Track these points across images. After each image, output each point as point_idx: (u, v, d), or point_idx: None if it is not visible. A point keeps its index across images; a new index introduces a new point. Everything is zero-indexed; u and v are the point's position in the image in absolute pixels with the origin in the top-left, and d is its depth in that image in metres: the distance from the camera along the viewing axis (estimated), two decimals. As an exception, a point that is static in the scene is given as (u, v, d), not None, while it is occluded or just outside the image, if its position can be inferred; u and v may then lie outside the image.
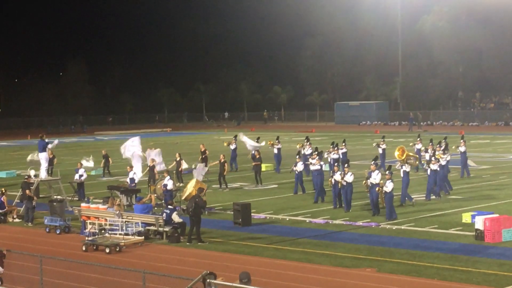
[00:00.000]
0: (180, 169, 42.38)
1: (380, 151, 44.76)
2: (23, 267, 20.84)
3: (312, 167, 35.95)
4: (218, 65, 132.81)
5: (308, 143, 43.90)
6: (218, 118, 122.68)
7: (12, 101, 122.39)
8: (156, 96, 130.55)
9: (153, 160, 40.45)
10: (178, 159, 42.58)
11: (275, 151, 46.38)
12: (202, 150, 46.45)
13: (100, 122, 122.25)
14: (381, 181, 30.64)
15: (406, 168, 33.98)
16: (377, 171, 31.03)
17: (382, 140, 45.91)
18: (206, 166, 44.05)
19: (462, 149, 41.70)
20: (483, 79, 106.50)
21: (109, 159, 48.19)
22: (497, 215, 27.00)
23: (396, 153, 35.69)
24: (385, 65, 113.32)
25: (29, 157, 41.00)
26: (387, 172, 30.75)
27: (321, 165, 35.65)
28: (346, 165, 32.65)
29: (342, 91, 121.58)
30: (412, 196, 33.61)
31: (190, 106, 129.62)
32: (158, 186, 35.01)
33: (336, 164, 34.86)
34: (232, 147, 48.79)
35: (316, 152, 38.32)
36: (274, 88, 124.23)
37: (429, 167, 35.15)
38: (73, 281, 20.83)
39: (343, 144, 44.84)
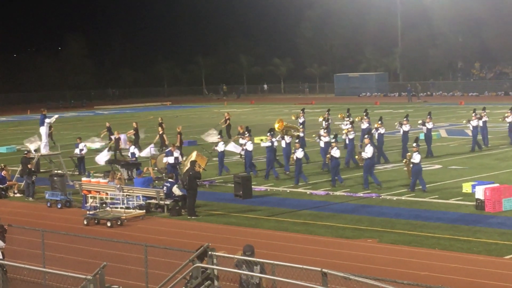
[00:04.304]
0: (119, 147, 42.47)
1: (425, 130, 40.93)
2: (24, 242, 20.91)
3: (263, 144, 35.57)
4: (218, 38, 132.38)
5: (348, 114, 43.39)
6: (218, 91, 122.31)
7: (11, 76, 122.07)
8: (155, 69, 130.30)
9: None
10: (117, 137, 42.62)
11: (300, 120, 45.14)
12: (227, 117, 50.03)
13: (100, 97, 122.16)
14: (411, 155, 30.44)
15: (287, 139, 35.18)
16: (368, 145, 30.87)
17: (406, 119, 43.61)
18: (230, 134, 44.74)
19: (473, 123, 40.96)
20: (483, 49, 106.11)
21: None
22: (497, 184, 27.04)
23: (276, 125, 37.12)
24: (385, 36, 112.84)
25: (26, 141, 40.68)
26: (414, 144, 30.55)
27: (272, 142, 35.08)
28: (334, 140, 32.73)
29: (341, 63, 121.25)
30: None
31: (189, 79, 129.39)
32: (160, 160, 34.99)
33: (297, 141, 33.82)
34: (301, 120, 45.86)
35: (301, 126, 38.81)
36: (273, 60, 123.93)
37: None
38: (75, 255, 20.90)
39: (366, 117, 42.19)
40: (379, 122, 38.82)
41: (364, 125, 41.27)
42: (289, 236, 23.37)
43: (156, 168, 34.83)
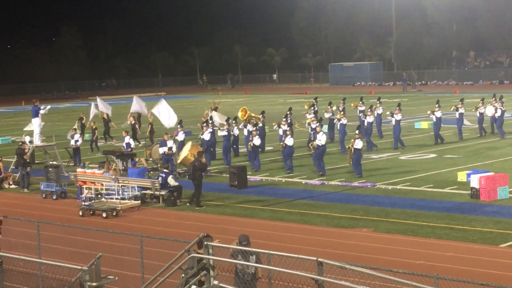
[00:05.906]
0: (95, 137, 42.44)
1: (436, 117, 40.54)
2: (20, 233, 20.88)
3: (220, 133, 36.20)
4: (212, 28, 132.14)
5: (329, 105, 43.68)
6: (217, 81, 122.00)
7: (5, 67, 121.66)
8: (149, 60, 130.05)
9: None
10: (94, 127, 42.56)
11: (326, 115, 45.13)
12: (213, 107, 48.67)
13: (95, 87, 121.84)
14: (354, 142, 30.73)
15: (250, 127, 35.91)
16: (321, 132, 31.74)
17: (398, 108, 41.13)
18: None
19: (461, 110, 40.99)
20: (477, 37, 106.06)
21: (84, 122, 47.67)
22: (492, 173, 27.07)
23: (239, 114, 37.76)
24: (379, 26, 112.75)
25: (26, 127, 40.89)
26: (356, 131, 31.17)
27: (228, 131, 35.78)
28: (289, 128, 33.21)
29: (336, 52, 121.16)
30: None
31: (184, 70, 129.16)
32: (155, 151, 34.91)
33: (254, 129, 35.00)
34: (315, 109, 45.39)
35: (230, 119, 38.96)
36: (268, 50, 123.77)
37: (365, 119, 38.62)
38: (70, 246, 20.87)
39: (329, 106, 43.58)
40: (341, 112, 39.56)
41: (328, 114, 42.09)
42: (284, 225, 23.38)
43: (151, 159, 34.79)
